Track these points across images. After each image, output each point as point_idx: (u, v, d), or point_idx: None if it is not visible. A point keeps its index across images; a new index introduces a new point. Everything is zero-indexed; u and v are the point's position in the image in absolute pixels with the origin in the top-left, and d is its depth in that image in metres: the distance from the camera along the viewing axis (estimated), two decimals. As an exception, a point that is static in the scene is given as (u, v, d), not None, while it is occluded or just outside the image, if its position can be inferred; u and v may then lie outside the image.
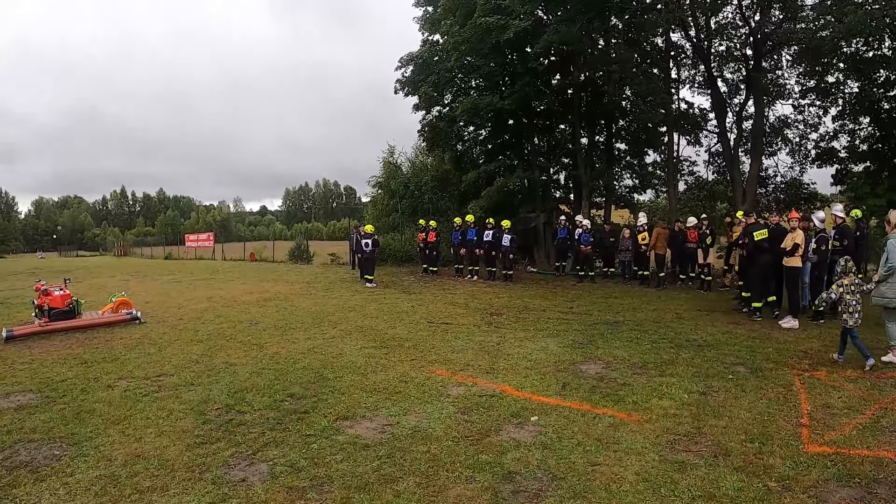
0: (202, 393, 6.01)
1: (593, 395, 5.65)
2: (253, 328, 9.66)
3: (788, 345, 7.85)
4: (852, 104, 19.29)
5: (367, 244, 15.73)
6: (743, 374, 6.43)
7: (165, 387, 6.33)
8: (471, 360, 7.08)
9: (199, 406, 5.57)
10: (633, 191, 23.31)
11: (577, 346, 7.77)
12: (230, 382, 6.36)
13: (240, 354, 7.77)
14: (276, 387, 6.14)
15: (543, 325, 9.28)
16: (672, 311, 10.69)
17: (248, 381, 6.41)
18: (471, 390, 5.85)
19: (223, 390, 6.07)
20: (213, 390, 6.08)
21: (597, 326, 9.16)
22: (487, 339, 8.27)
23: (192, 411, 5.43)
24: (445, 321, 9.81)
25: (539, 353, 7.42)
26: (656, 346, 7.78)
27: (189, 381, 6.48)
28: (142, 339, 8.96)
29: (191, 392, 6.08)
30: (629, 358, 7.08)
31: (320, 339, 8.55)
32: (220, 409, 5.50)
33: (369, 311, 11.13)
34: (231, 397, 5.83)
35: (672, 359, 7.08)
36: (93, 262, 41.13)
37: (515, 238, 16.14)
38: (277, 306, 12.16)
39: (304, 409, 5.40)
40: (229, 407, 5.53)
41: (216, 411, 5.43)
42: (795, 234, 9.34)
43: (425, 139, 22.10)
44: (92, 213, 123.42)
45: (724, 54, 20.36)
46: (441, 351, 7.62)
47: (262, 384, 6.25)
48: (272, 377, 6.53)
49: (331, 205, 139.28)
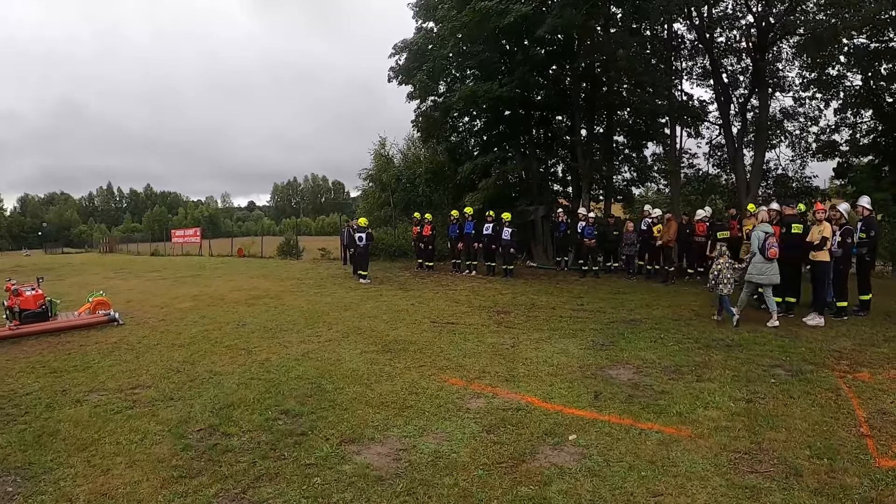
0: (182, 409, 5.27)
1: (632, 406, 4.99)
2: (240, 330, 8.90)
3: (819, 344, 7.31)
4: (854, 97, 19.05)
5: (360, 238, 14.97)
6: (784, 378, 5.87)
7: (141, 401, 5.57)
8: (486, 366, 6.39)
9: (178, 427, 4.83)
10: (630, 184, 22.88)
11: (600, 348, 7.12)
12: (215, 396, 5.62)
13: (226, 361, 7.01)
14: (268, 401, 5.40)
15: (557, 325, 8.62)
16: (687, 307, 10.09)
17: (236, 394, 5.66)
18: (492, 402, 5.16)
19: (206, 406, 5.33)
20: (194, 406, 5.34)
21: (614, 325, 8.52)
22: (500, 341, 7.58)
23: (169, 433, 4.69)
24: (450, 321, 9.11)
25: (560, 356, 6.75)
26: (683, 346, 7.15)
27: (168, 395, 5.73)
28: (118, 344, 8.17)
29: (169, 408, 5.33)
30: (659, 361, 6.44)
31: (315, 343, 7.81)
32: (202, 430, 4.76)
33: (366, 309, 10.40)
34: (216, 415, 5.08)
35: (704, 361, 6.45)
36: (78, 259, 39.88)
37: (516, 231, 15.46)
38: (267, 305, 11.40)
39: (301, 429, 4.67)
40: (213, 428, 4.79)
41: (198, 433, 4.69)
42: (823, 227, 8.77)
43: (419, 129, 21.31)
44: (78, 210, 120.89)
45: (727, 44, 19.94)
46: (451, 355, 6.92)
47: (252, 398, 5.51)
48: (263, 389, 5.79)
49: (319, 200, 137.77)
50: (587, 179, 18.91)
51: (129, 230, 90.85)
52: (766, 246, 8.35)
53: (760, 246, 8.41)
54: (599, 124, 21.01)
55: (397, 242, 21.65)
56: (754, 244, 8.56)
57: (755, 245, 8.52)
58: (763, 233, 8.47)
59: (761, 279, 8.46)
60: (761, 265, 8.42)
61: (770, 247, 8.35)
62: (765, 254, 8.36)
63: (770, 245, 8.35)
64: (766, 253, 8.34)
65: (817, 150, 20.56)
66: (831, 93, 19.56)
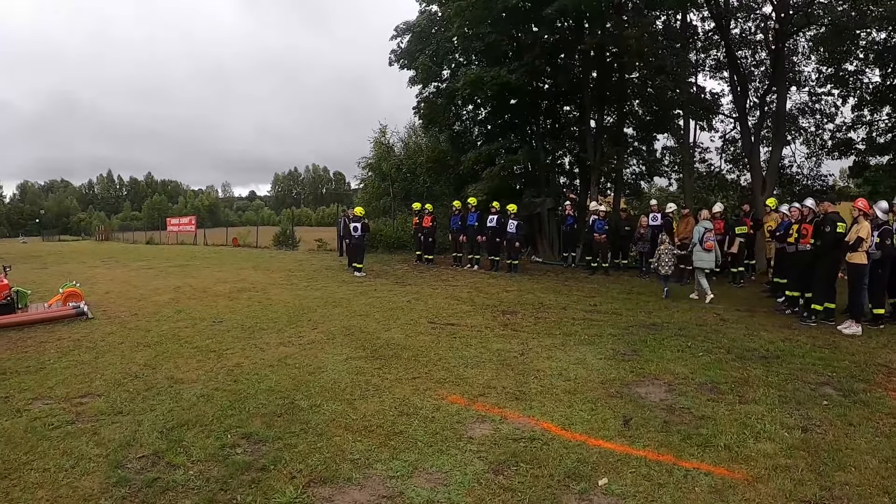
0: (129, 427, 4.41)
1: (670, 437, 4.11)
2: (215, 328, 8.02)
3: (862, 356, 6.48)
4: (873, 94, 18.25)
5: (355, 228, 14.07)
6: (837, 399, 5.03)
7: (86, 415, 4.73)
8: (492, 380, 5.49)
9: (118, 451, 3.98)
10: (640, 178, 21.96)
11: (622, 359, 6.21)
12: (169, 410, 4.76)
13: (191, 366, 6.14)
14: (229, 420, 4.53)
15: (570, 329, 7.71)
16: (710, 310, 9.21)
17: (194, 409, 4.79)
18: (500, 429, 4.28)
19: (157, 424, 4.47)
20: (143, 423, 4.48)
21: (634, 331, 7.61)
22: (507, 348, 6.68)
23: (106, 460, 3.85)
24: (450, 321, 8.21)
25: (577, 367, 5.85)
26: (716, 358, 6.25)
27: (117, 407, 4.88)
28: (81, 341, 7.32)
29: (115, 425, 4.48)
30: (692, 376, 5.55)
31: (296, 346, 6.92)
32: (145, 457, 3.90)
33: (358, 306, 9.51)
34: (164, 437, 4.22)
35: (743, 377, 5.57)
36: (72, 247, 39.12)
37: (522, 224, 14.55)
38: (251, 299, 10.53)
39: (262, 461, 3.80)
40: (159, 455, 3.93)
41: (139, 461, 3.84)
42: (860, 227, 7.89)
43: (421, 116, 20.30)
44: (78, 198, 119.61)
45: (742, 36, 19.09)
46: (451, 364, 6.02)
47: (211, 415, 4.64)
48: (226, 404, 4.92)
49: (320, 191, 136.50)
50: (596, 171, 17.95)
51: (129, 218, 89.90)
52: (703, 239, 10.20)
53: (700, 238, 10.27)
54: (610, 114, 20.05)
55: (396, 234, 20.81)
56: (695, 237, 10.46)
57: (696, 237, 10.43)
58: (703, 228, 10.36)
59: (701, 264, 10.38)
60: (700, 253, 10.31)
61: (707, 240, 10.20)
62: (702, 245, 10.22)
63: (707, 239, 10.20)
64: (703, 245, 10.20)
65: (833, 147, 19.79)
66: (848, 89, 18.86)
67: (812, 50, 18.75)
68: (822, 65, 18.97)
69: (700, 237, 10.23)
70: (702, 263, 10.31)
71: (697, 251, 10.33)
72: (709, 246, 10.15)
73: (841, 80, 18.65)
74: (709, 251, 10.18)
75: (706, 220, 10.68)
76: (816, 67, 19.38)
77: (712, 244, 10.20)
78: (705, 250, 10.17)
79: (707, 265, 10.32)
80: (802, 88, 19.89)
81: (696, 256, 10.37)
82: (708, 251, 10.17)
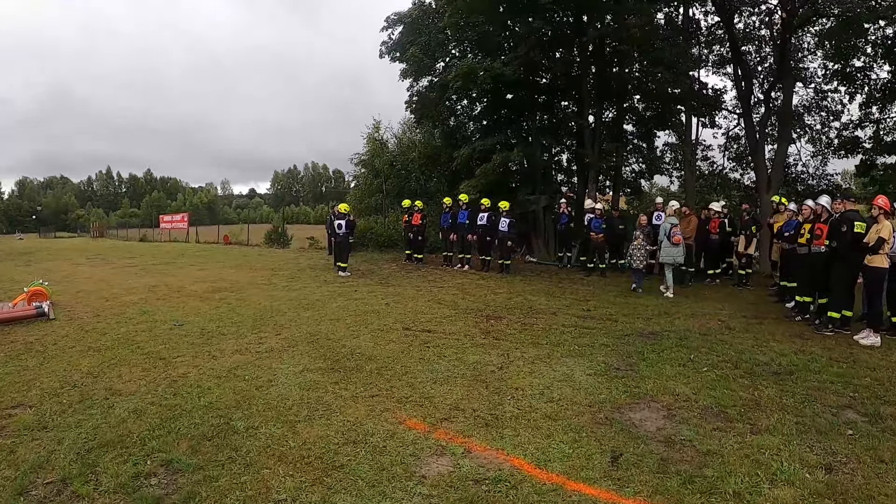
0: (47, 446, 3.88)
1: (668, 481, 3.37)
2: (173, 332, 7.34)
3: (885, 372, 5.77)
4: (881, 90, 17.56)
5: (340, 226, 13.34)
6: (863, 428, 4.31)
7: (8, 429, 4.22)
8: (461, 399, 4.74)
9: (28, 474, 3.49)
10: (639, 176, 21.22)
11: (615, 374, 5.44)
12: (95, 428, 4.16)
13: (135, 375, 5.49)
14: (154, 442, 3.88)
15: (559, 337, 6.93)
16: (713, 316, 8.46)
17: (121, 426, 4.18)
18: (460, 466, 3.55)
19: (77, 443, 3.92)
20: (64, 442, 3.92)
21: (630, 340, 6.85)
22: (484, 360, 5.91)
23: (13, 484, 3.35)
24: (427, 328, 7.45)
25: (562, 385, 5.09)
26: (722, 374, 5.50)
27: (44, 421, 4.33)
28: (33, 344, 6.77)
29: (35, 442, 3.95)
30: (695, 397, 4.80)
31: (252, 354, 6.22)
32: (52, 483, 3.38)
33: (330, 309, 8.77)
34: (79, 459, 3.67)
35: (754, 398, 4.84)
36: (65, 244, 38.46)
37: (515, 222, 13.79)
38: (222, 300, 9.83)
39: (172, 499, 3.18)
40: (66, 482, 3.39)
41: (45, 488, 3.33)
42: (881, 226, 7.13)
43: (413, 111, 19.55)
44: (77, 194, 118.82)
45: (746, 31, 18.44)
46: (417, 380, 5.27)
47: (137, 435, 4.00)
48: (156, 422, 4.27)
49: (320, 188, 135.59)
50: (595, 168, 17.19)
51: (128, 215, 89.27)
52: (671, 234, 10.45)
53: (667, 234, 10.54)
54: (609, 110, 19.31)
55: (387, 232, 20.08)
56: (661, 233, 10.80)
57: (662, 234, 10.74)
58: (670, 224, 10.60)
59: (667, 259, 10.65)
60: (668, 249, 10.55)
61: (674, 234, 10.45)
62: (670, 240, 10.47)
63: (674, 233, 10.45)
64: (671, 239, 10.46)
65: (839, 146, 19.22)
66: (856, 86, 18.34)
67: (818, 45, 18.18)
68: (829, 60, 18.47)
69: (667, 232, 10.52)
70: (669, 258, 10.58)
71: (665, 246, 10.59)
72: (676, 240, 10.47)
73: (848, 77, 18.15)
74: (676, 245, 10.49)
75: (672, 216, 10.93)
76: (823, 63, 18.88)
77: (679, 238, 10.51)
78: (673, 244, 10.46)
79: (674, 260, 10.61)
80: (808, 85, 19.36)
81: (664, 252, 10.66)
82: (675, 245, 10.48)
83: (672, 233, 10.44)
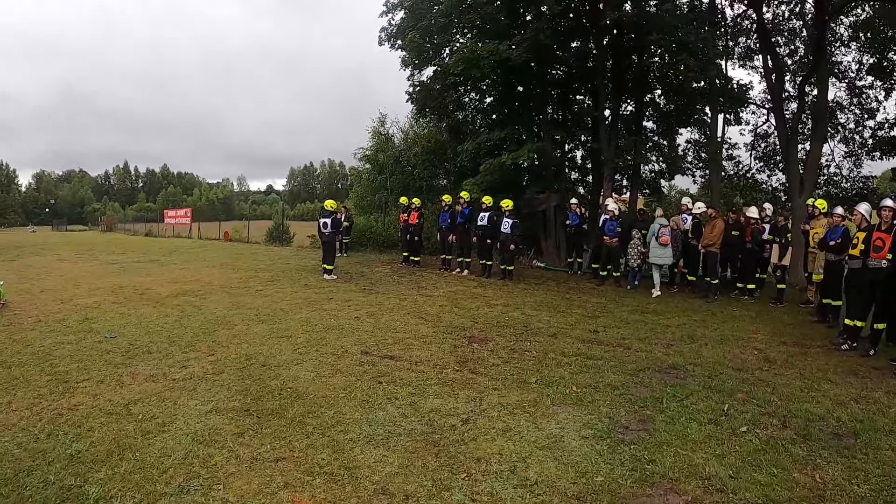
0: None
1: None
2: (98, 347, 6.24)
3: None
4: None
5: (325, 224, 12.08)
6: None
7: None
8: (394, 475, 3.37)
9: None
10: (659, 175, 19.56)
11: (621, 438, 4.00)
12: None
13: (25, 402, 4.51)
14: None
15: (553, 372, 5.49)
16: (747, 343, 7.00)
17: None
18: None
19: None
20: None
21: (645, 377, 5.40)
22: (446, 407, 4.50)
23: None
24: (391, 353, 6.09)
25: (544, 456, 3.66)
26: (767, 438, 4.05)
27: None
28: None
29: None
30: (733, 481, 3.35)
31: (166, 381, 4.98)
32: None
33: (288, 323, 7.47)
34: None
35: (815, 484, 3.41)
36: (69, 237, 38.32)
37: (518, 223, 12.36)
38: (179, 306, 8.66)
39: None
40: None
41: None
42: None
43: (414, 101, 18.18)
44: (94, 188, 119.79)
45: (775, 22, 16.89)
46: (346, 436, 3.92)
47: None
48: (8, 474, 3.31)
49: (335, 185, 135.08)
50: (610, 166, 15.66)
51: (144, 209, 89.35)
52: (659, 235, 10.46)
53: (655, 235, 10.54)
54: (627, 103, 17.78)
55: (387, 232, 18.87)
56: (650, 234, 10.78)
57: (650, 235, 10.74)
58: (659, 225, 10.56)
59: (656, 260, 10.69)
60: (656, 249, 10.58)
61: (662, 235, 10.45)
62: (658, 241, 10.47)
63: (662, 234, 10.45)
64: (659, 240, 10.46)
65: (874, 146, 17.56)
66: (893, 81, 16.72)
67: (852, 38, 16.53)
68: (864, 53, 16.94)
69: (655, 233, 10.51)
70: (658, 259, 10.62)
71: (654, 247, 10.57)
72: (664, 241, 10.43)
73: (884, 72, 16.55)
74: (664, 246, 10.46)
75: (661, 217, 10.82)
76: (856, 57, 17.27)
77: (667, 239, 10.45)
78: (661, 245, 10.45)
79: (663, 261, 10.64)
80: (842, 80, 17.70)
81: (653, 252, 10.64)
82: (663, 246, 10.47)
83: (660, 233, 10.42)
